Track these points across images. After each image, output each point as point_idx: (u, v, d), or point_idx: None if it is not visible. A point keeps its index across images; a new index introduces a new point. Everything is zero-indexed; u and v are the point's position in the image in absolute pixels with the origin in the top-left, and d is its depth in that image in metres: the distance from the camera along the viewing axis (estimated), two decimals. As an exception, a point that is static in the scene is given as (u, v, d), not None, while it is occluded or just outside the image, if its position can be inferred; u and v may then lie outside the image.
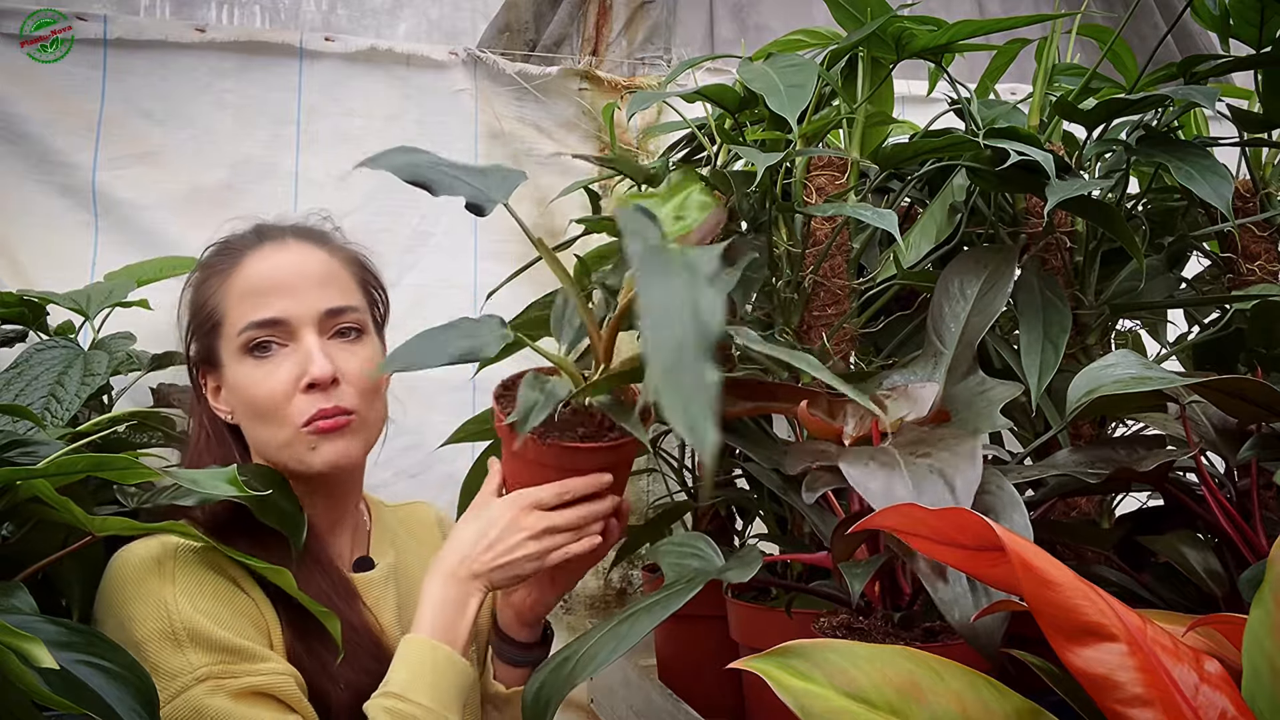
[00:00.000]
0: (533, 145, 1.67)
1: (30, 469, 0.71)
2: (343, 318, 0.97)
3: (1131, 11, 1.14)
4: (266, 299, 0.95)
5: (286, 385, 0.93)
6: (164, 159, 1.50)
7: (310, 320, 0.95)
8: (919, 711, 0.53)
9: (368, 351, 0.99)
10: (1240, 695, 0.52)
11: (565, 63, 1.68)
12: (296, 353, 0.94)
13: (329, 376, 0.93)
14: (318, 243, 1.02)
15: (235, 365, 0.95)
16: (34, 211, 1.45)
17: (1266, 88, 1.04)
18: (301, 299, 0.95)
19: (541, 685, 0.73)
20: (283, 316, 0.95)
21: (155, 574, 0.85)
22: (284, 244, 1.00)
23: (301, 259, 0.99)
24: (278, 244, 0.99)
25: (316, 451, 0.94)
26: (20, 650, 0.56)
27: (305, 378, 0.93)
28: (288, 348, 0.95)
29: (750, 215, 1.13)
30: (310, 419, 0.93)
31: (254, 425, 0.96)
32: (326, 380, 0.93)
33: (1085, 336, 1.08)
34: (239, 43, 1.53)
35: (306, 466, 0.94)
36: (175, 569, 0.86)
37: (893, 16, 1.00)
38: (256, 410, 0.94)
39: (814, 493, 0.75)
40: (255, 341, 0.94)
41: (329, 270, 0.99)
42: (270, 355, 0.94)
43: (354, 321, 0.98)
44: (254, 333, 0.94)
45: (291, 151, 1.56)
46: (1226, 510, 0.82)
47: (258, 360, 0.94)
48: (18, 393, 1.10)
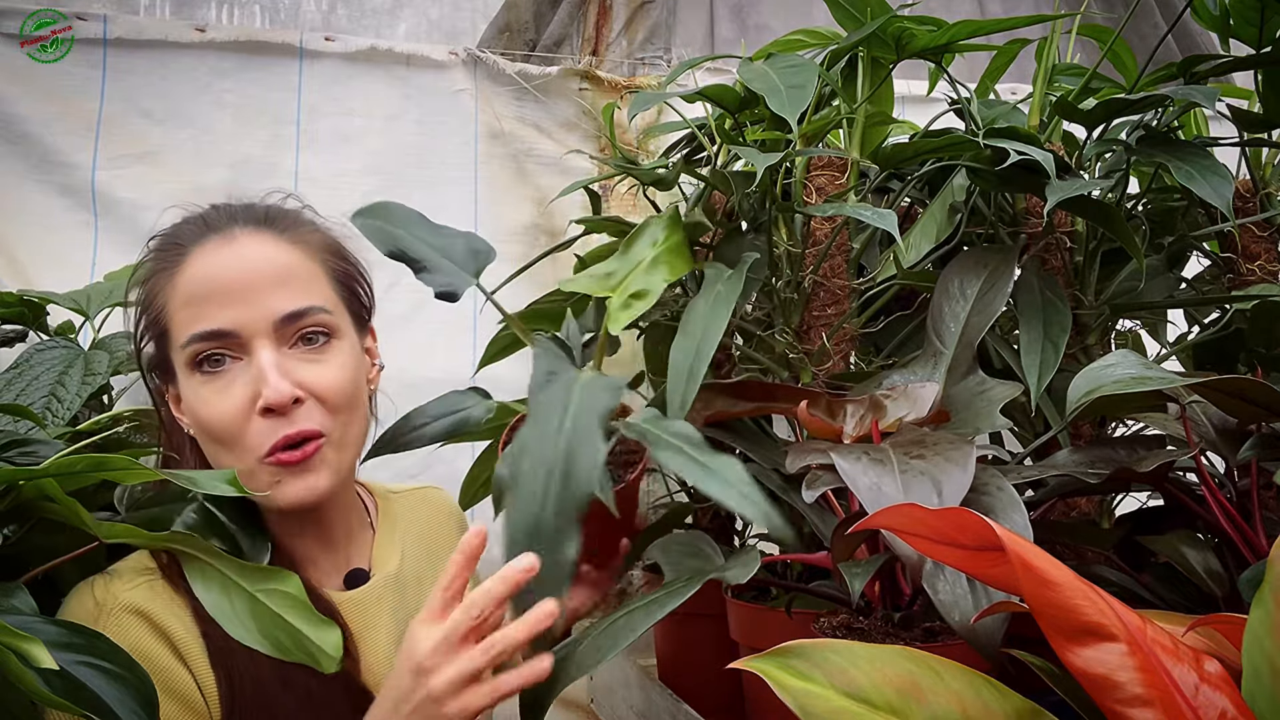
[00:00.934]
0: (533, 145, 1.67)
1: (35, 469, 0.71)
2: (305, 321, 0.84)
3: (1131, 11, 1.14)
4: (210, 307, 0.82)
5: (240, 407, 0.81)
6: (164, 159, 1.50)
7: (264, 329, 0.82)
8: (919, 711, 0.53)
9: (341, 358, 0.86)
10: (1240, 695, 0.52)
11: (565, 63, 1.68)
12: (249, 368, 0.82)
13: (287, 400, 0.81)
14: (275, 231, 0.87)
15: (185, 380, 0.83)
16: (34, 211, 1.44)
17: (1266, 88, 1.04)
18: (252, 304, 0.82)
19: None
20: (230, 327, 0.81)
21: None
22: (231, 237, 0.85)
23: (252, 254, 0.84)
24: (224, 237, 0.85)
25: (280, 487, 0.82)
26: (20, 651, 0.56)
27: (260, 400, 0.80)
28: (241, 361, 0.82)
29: (750, 215, 1.13)
30: (271, 449, 0.81)
31: (211, 449, 0.84)
32: (285, 403, 0.81)
33: (1085, 336, 1.08)
34: (239, 43, 1.53)
35: (271, 504, 0.83)
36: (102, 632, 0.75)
37: (893, 16, 1.00)
38: (209, 433, 0.83)
39: (814, 492, 0.75)
40: (202, 355, 0.82)
41: (287, 266, 0.85)
42: (221, 370, 0.82)
43: (320, 325, 0.85)
44: (199, 346, 0.82)
45: (291, 151, 1.56)
46: (1226, 510, 0.82)
47: (207, 376, 0.82)
48: (18, 393, 1.10)
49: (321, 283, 0.87)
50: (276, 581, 0.76)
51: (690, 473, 0.66)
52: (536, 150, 1.67)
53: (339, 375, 0.85)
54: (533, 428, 0.66)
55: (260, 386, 0.81)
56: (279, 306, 0.83)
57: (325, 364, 0.85)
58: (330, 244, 0.91)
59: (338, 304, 0.88)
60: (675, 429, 0.69)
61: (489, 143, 1.65)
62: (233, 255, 0.84)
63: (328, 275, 0.88)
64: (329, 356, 0.85)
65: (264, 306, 0.82)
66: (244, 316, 0.82)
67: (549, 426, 0.65)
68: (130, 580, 0.81)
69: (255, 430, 0.81)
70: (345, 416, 0.85)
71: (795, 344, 1.05)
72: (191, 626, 0.81)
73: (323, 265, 0.88)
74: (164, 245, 0.87)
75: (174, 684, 0.79)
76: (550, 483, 0.62)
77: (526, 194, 1.67)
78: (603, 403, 0.67)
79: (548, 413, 0.67)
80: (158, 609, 0.80)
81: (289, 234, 0.87)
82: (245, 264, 0.84)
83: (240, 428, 0.81)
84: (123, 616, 0.79)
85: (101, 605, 0.79)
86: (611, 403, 0.67)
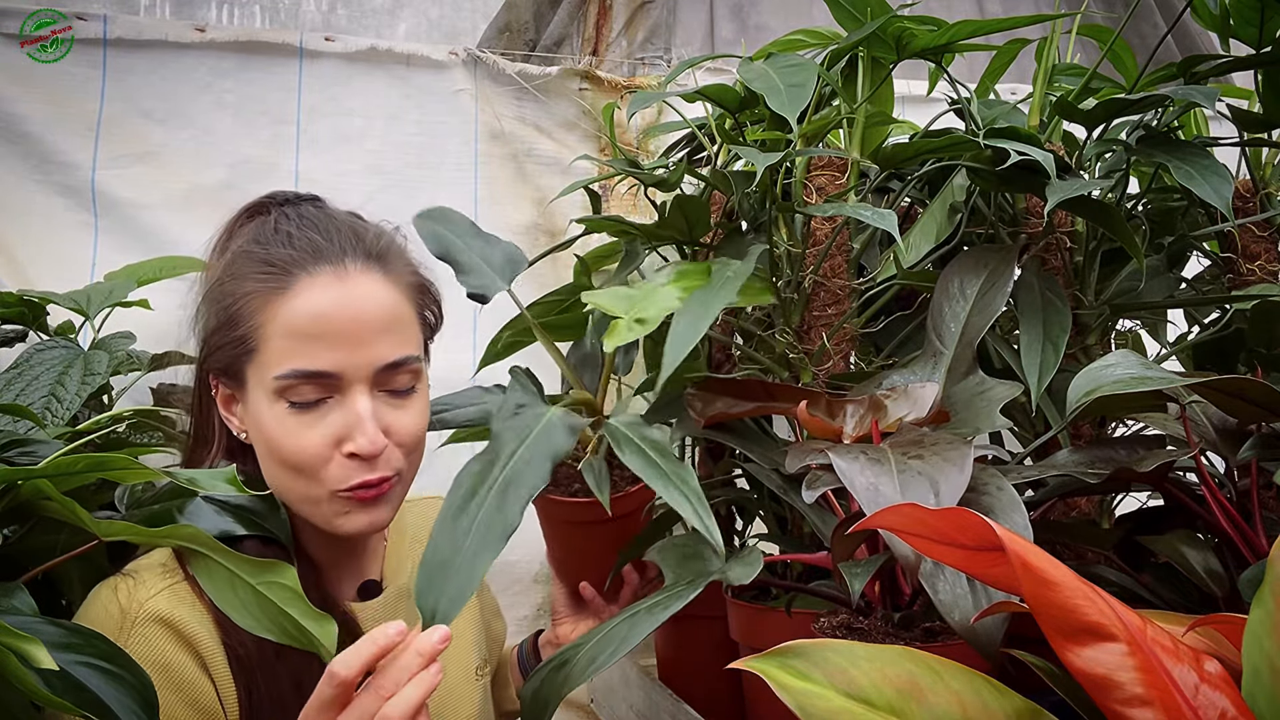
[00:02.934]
0: (533, 145, 1.67)
1: (33, 469, 0.71)
2: (401, 370, 0.85)
3: (1131, 11, 1.14)
4: (317, 346, 0.81)
5: (326, 445, 0.82)
6: (164, 159, 1.50)
7: (365, 376, 0.82)
8: (919, 711, 0.53)
9: (421, 403, 0.88)
10: (1240, 695, 0.52)
11: (565, 63, 1.68)
12: (343, 410, 0.82)
13: (378, 452, 0.82)
14: (384, 271, 0.86)
15: (265, 403, 0.83)
16: (34, 211, 1.45)
17: (1266, 88, 1.04)
18: (357, 351, 0.82)
19: (540, 685, 0.73)
20: (333, 370, 0.81)
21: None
22: (344, 273, 0.84)
23: (364, 297, 0.83)
24: (337, 271, 0.83)
25: (348, 518, 0.84)
26: (20, 651, 0.56)
27: (349, 445, 0.82)
28: (332, 399, 0.83)
29: (750, 215, 1.13)
30: (351, 488, 0.83)
31: (276, 471, 0.85)
32: (375, 454, 0.82)
33: (1085, 336, 1.08)
34: (239, 43, 1.53)
35: (332, 529, 0.84)
36: (127, 645, 0.77)
37: (893, 16, 1.00)
38: (285, 461, 0.83)
39: (814, 492, 0.75)
40: (296, 389, 0.82)
41: (393, 312, 0.85)
42: (311, 409, 0.82)
43: (411, 372, 0.86)
44: (297, 382, 0.81)
45: (291, 151, 1.56)
46: (1226, 510, 0.82)
47: (296, 409, 0.82)
48: (18, 393, 1.10)
49: (414, 328, 0.88)
50: (274, 574, 0.77)
51: (649, 476, 0.72)
52: (536, 150, 1.67)
53: (418, 421, 0.87)
54: (486, 454, 0.72)
55: (352, 433, 0.82)
56: (382, 355, 0.83)
57: (409, 410, 0.86)
58: (421, 284, 0.92)
59: (422, 344, 0.90)
60: (646, 434, 0.75)
61: (489, 143, 1.65)
62: (345, 296, 0.83)
63: (418, 316, 0.90)
64: (413, 403, 0.87)
65: (368, 354, 0.83)
66: (348, 362, 0.82)
67: (501, 454, 0.72)
68: (153, 585, 0.81)
69: (336, 467, 0.82)
70: (416, 456, 0.88)
71: (795, 344, 1.05)
72: (214, 633, 0.81)
73: (415, 307, 0.89)
74: (267, 264, 0.84)
75: (198, 697, 0.79)
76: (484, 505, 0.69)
77: (526, 194, 1.67)
78: (557, 443, 0.73)
79: (502, 443, 0.73)
80: (183, 616, 0.80)
81: (393, 275, 0.87)
82: (356, 307, 0.83)
83: (321, 463, 0.82)
84: (149, 627, 0.79)
85: (126, 612, 0.79)
86: (566, 444, 0.73)
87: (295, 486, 0.84)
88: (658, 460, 0.73)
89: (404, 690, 0.67)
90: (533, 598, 1.63)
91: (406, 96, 1.62)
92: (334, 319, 0.82)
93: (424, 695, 0.67)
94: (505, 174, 1.66)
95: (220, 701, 0.80)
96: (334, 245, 0.85)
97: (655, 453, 0.73)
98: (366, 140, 1.59)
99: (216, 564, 0.77)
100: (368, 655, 0.67)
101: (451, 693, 0.99)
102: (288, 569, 0.78)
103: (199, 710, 0.79)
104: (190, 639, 0.80)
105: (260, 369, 0.83)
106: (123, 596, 0.80)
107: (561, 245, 1.27)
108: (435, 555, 0.67)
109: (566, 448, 0.73)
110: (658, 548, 0.87)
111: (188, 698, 0.79)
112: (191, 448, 0.93)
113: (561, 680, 0.71)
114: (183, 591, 0.81)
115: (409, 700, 0.67)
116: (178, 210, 1.50)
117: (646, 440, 0.75)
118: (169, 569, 0.82)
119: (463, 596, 0.66)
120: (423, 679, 0.68)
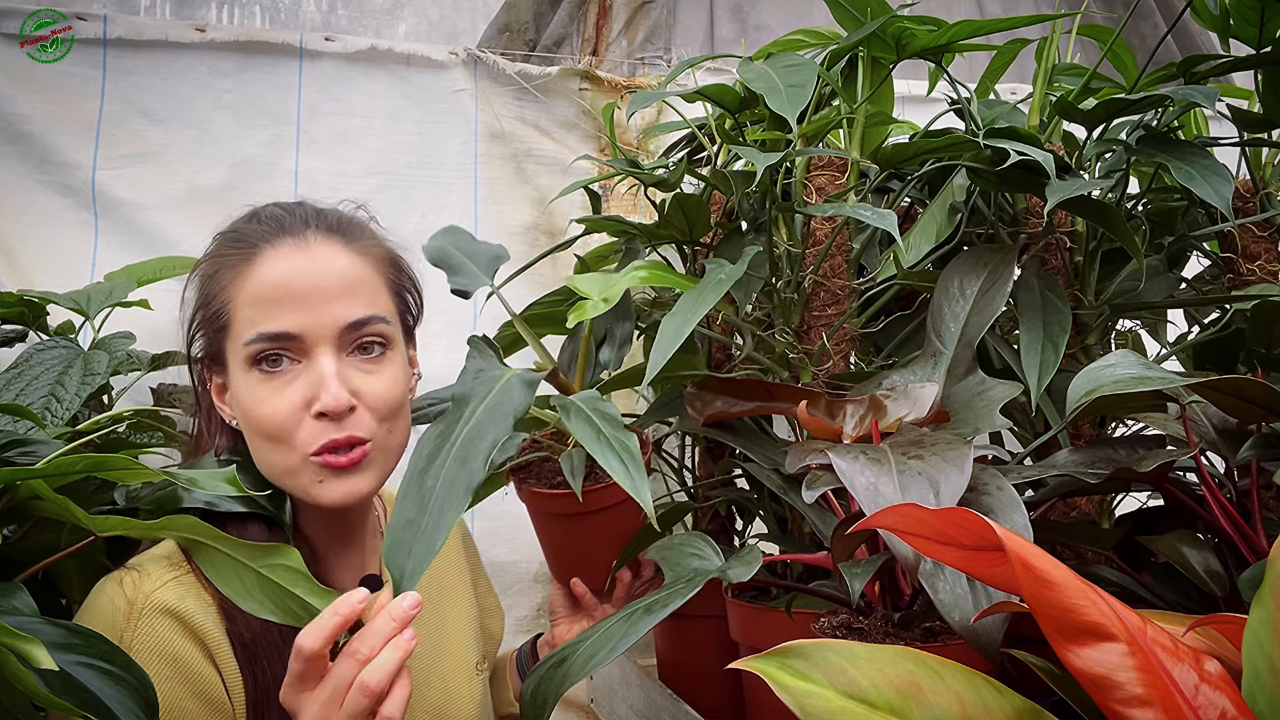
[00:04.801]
0: (533, 145, 1.67)
1: (30, 469, 0.71)
2: (365, 331, 0.87)
3: (1131, 11, 1.14)
4: (279, 309, 0.84)
5: (295, 407, 0.84)
6: (164, 159, 1.50)
7: (328, 336, 0.85)
8: (919, 711, 0.53)
9: (392, 370, 0.89)
10: (1240, 695, 0.51)
11: (565, 63, 1.68)
12: (309, 372, 0.85)
13: (344, 407, 0.84)
14: (346, 241, 0.90)
15: (241, 375, 0.86)
16: (34, 211, 1.45)
17: (1266, 88, 1.04)
18: (320, 311, 0.85)
19: (539, 683, 0.73)
20: (296, 330, 0.84)
21: (111, 635, 0.75)
22: (304, 242, 0.87)
23: (324, 262, 0.87)
24: (298, 242, 0.87)
25: (323, 486, 0.85)
26: (20, 651, 0.56)
27: (316, 405, 0.83)
28: (300, 364, 0.85)
29: (750, 215, 1.13)
30: (319, 449, 0.84)
31: (257, 443, 0.87)
32: (341, 410, 0.84)
33: (1085, 336, 1.08)
34: (239, 43, 1.53)
35: (311, 499, 0.86)
36: (133, 637, 0.78)
37: (893, 16, 1.00)
38: (260, 429, 0.85)
39: (814, 492, 0.75)
40: (263, 354, 0.84)
41: (355, 275, 0.88)
42: (279, 371, 0.85)
43: (379, 335, 0.88)
44: (262, 345, 0.84)
45: (291, 151, 1.56)
46: (1226, 510, 0.82)
47: (265, 375, 0.85)
48: (18, 393, 1.10)
49: (383, 294, 0.91)
50: (277, 557, 0.77)
51: (586, 438, 0.74)
52: (536, 150, 1.67)
53: (390, 386, 0.88)
54: (449, 416, 0.74)
55: (318, 391, 0.84)
56: (344, 315, 0.86)
57: (378, 374, 0.88)
58: (391, 257, 0.94)
59: (394, 315, 0.92)
60: (600, 406, 0.78)
61: (489, 143, 1.65)
62: (305, 260, 0.87)
63: (388, 287, 0.92)
64: (382, 367, 0.88)
65: (330, 313, 0.85)
66: (310, 321, 0.85)
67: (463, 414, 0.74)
68: (159, 577, 0.81)
69: (306, 430, 0.84)
70: (390, 424, 0.88)
71: (795, 344, 1.05)
72: (220, 623, 0.81)
73: (384, 277, 0.92)
74: (234, 241, 0.89)
75: (205, 687, 0.80)
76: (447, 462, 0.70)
77: (526, 194, 1.67)
78: (517, 399, 0.75)
79: (464, 404, 0.75)
80: (189, 607, 0.81)
81: (357, 244, 0.90)
82: (316, 270, 0.86)
83: (292, 427, 0.84)
84: (155, 618, 0.79)
85: (133, 604, 0.79)
86: (525, 399, 0.75)
87: (275, 459, 0.86)
88: (600, 425, 0.75)
89: (381, 655, 0.68)
90: (533, 598, 1.63)
91: (406, 96, 1.62)
92: (294, 284, 0.85)
93: (401, 659, 0.68)
94: (505, 174, 1.66)
95: (227, 692, 0.81)
96: (295, 219, 0.90)
97: (600, 419, 0.75)
98: (366, 140, 1.59)
99: (219, 552, 0.78)
100: (331, 626, 0.69)
101: (454, 689, 1.00)
102: (290, 550, 0.78)
103: (206, 701, 0.80)
104: (197, 630, 0.80)
105: (234, 342, 0.86)
106: (128, 589, 0.80)
107: (561, 245, 1.28)
108: (402, 516, 0.69)
109: (526, 402, 0.74)
110: (658, 546, 0.87)
111: (195, 688, 0.79)
112: (194, 446, 0.94)
113: (560, 677, 0.71)
114: (188, 583, 0.82)
115: (386, 664, 0.68)
116: (178, 210, 1.50)
117: (598, 411, 0.77)
118: (174, 561, 0.83)
119: (430, 553, 0.67)
120: (398, 643, 0.69)
